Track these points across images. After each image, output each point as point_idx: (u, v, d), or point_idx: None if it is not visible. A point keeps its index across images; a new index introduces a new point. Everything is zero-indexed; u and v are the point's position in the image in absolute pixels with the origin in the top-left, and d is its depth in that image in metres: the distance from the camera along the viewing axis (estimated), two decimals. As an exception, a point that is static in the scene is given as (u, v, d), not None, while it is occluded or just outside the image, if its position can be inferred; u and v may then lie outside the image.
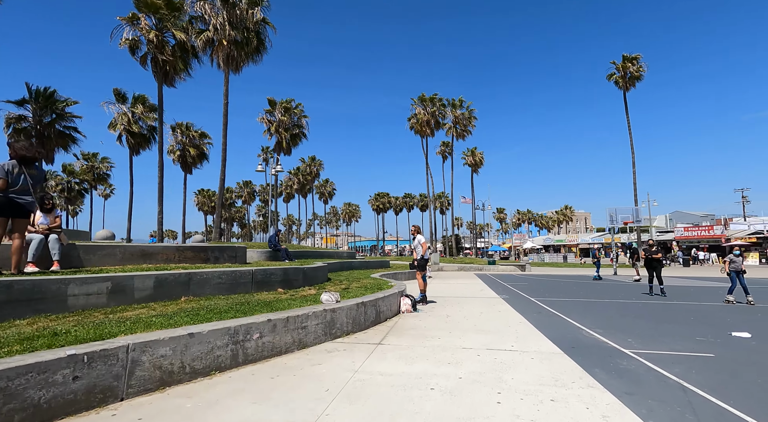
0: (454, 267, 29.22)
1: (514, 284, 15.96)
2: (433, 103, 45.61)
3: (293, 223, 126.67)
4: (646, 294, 11.34)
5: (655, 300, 10.36)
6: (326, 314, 5.30)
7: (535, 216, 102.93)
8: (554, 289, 13.72)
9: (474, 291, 12.99)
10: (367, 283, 9.71)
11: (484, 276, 21.39)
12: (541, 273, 25.49)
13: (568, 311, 8.37)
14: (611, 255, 48.21)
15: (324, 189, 69.98)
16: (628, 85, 39.82)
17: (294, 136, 34.39)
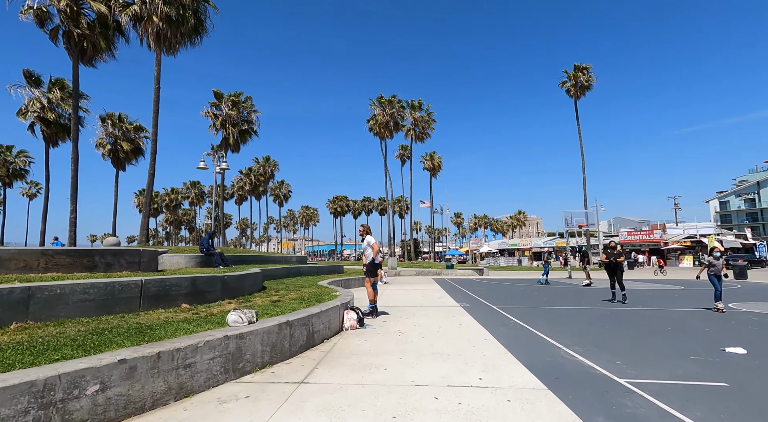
0: (411, 271, 28.24)
1: (474, 290, 15.07)
2: (392, 105, 44.81)
3: (247, 227, 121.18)
4: (607, 301, 10.70)
5: (619, 306, 9.71)
6: (228, 342, 3.78)
7: (490, 221, 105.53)
8: (515, 295, 12.92)
9: (432, 298, 11.85)
10: (307, 293, 8.21)
11: (442, 281, 20.47)
12: (498, 277, 25.10)
13: (535, 322, 7.38)
14: (560, 259, 50.02)
15: (279, 191, 66.95)
16: (578, 93, 41.27)
17: (243, 132, 31.93)
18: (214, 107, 30.97)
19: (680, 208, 72.03)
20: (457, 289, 15.36)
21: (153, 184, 18.05)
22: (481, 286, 16.92)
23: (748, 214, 75.34)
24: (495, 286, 16.88)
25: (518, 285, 17.64)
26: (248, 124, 32.03)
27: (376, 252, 7.86)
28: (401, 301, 10.98)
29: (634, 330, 6.52)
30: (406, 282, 19.88)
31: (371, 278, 7.96)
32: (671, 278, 22.91)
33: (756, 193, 74.78)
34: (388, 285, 17.48)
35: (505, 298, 11.87)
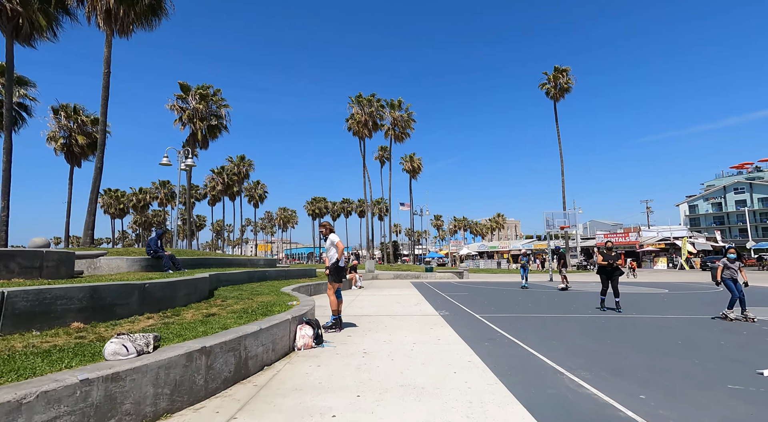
0: (389, 275, 27.10)
1: (454, 295, 14.04)
2: (371, 104, 43.72)
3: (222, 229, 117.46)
4: (597, 308, 9.75)
5: (612, 314, 8.81)
6: (90, 389, 2.49)
7: (470, 224, 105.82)
8: (497, 301, 11.93)
9: (408, 305, 10.71)
10: (258, 303, 6.91)
11: (421, 285, 19.41)
12: (479, 280, 24.26)
13: (525, 335, 6.32)
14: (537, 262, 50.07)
15: (254, 191, 64.67)
16: (558, 95, 41.29)
17: (212, 128, 30.07)
18: (181, 100, 29.03)
19: (652, 211, 73.84)
20: (437, 294, 14.29)
21: (100, 179, 16.24)
22: (462, 290, 15.92)
23: (716, 218, 77.99)
24: (476, 290, 15.92)
25: (500, 289, 16.75)
26: (218, 119, 30.21)
27: (341, 253, 6.65)
28: (373, 309, 9.78)
29: (641, 347, 5.54)
30: (382, 287, 18.70)
31: (334, 284, 6.74)
32: (650, 280, 22.58)
33: (722, 197, 77.52)
34: (362, 290, 16.26)
35: (488, 304, 10.85)
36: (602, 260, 9.37)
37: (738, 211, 73.81)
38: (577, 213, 27.50)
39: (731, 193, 76.25)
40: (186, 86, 29.10)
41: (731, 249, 7.89)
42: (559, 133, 41.86)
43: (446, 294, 14.09)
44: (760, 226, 69.41)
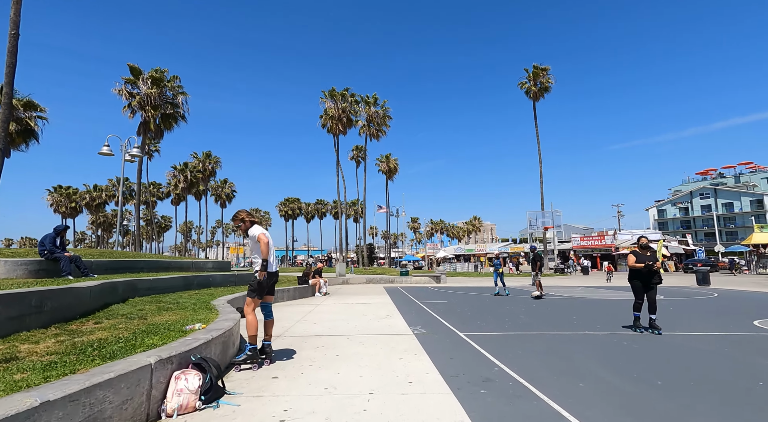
0: (361, 279, 24.98)
1: (431, 303, 12.10)
2: (345, 99, 41.63)
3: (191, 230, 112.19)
4: (627, 327, 7.26)
5: (654, 340, 7.06)
6: None
7: (447, 226, 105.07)
8: (483, 311, 10.05)
9: (376, 318, 8.66)
10: (151, 325, 4.70)
11: (394, 291, 17.41)
12: (458, 284, 22.51)
13: (533, 369, 4.40)
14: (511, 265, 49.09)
15: (221, 190, 61.09)
16: (538, 94, 40.47)
17: (167, 117, 27.12)
18: (130, 85, 25.98)
19: (623, 215, 75.08)
20: (411, 302, 12.31)
21: (2, 165, 13.39)
22: (440, 297, 14.02)
23: (683, 222, 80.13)
24: (456, 297, 14.06)
25: (481, 295, 14.97)
26: (173, 107, 27.29)
27: (266, 250, 4.50)
28: (330, 325, 7.67)
29: (708, 388, 3.72)
30: (351, 293, 16.58)
31: (254, 299, 4.59)
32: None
33: (689, 202, 79.75)
34: (326, 298, 14.11)
35: (473, 316, 8.94)
36: (635, 261, 6.94)
37: (704, 216, 76.04)
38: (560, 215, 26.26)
39: (697, 198, 78.57)
40: (136, 69, 26.07)
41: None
42: (538, 133, 41.08)
43: (422, 303, 12.13)
44: (725, 231, 71.56)
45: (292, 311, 10.18)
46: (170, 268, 13.27)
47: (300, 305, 11.69)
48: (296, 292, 13.73)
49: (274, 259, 4.69)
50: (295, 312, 10.04)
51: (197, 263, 14.89)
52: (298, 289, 13.97)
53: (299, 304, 11.93)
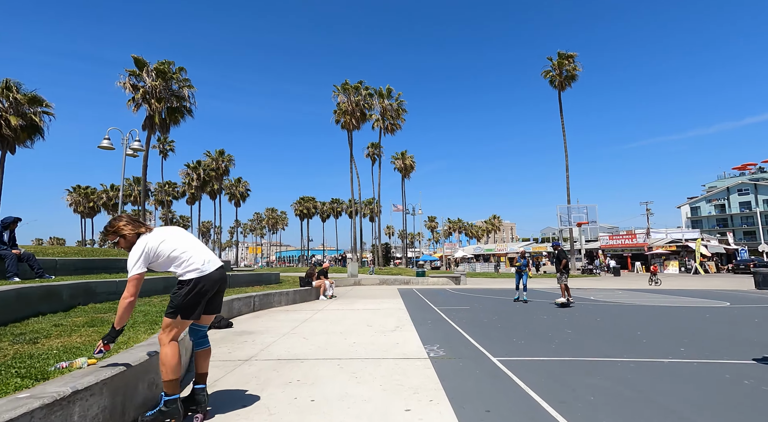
0: (374, 280, 23.29)
1: (451, 310, 10.28)
2: (359, 92, 40.06)
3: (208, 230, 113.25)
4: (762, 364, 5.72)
5: (742, 360, 5.10)
6: None
7: (465, 226, 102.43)
8: (516, 322, 8.18)
9: (382, 331, 6.94)
10: (27, 355, 3.09)
11: (409, 294, 15.63)
12: (479, 286, 20.53)
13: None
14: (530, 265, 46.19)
15: (236, 189, 60.55)
16: (563, 84, 37.93)
17: (172, 110, 26.10)
18: (134, 77, 25.07)
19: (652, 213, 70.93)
20: (428, 308, 10.52)
21: None
22: (461, 302, 12.18)
23: (719, 220, 75.30)
24: (479, 302, 12.18)
25: (507, 299, 13.03)
26: (179, 100, 26.26)
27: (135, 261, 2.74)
28: (319, 343, 5.97)
29: None
30: (360, 296, 14.89)
31: (175, 322, 2.87)
32: (676, 287, 18.93)
33: (726, 198, 74.88)
34: (331, 302, 12.47)
35: (504, 329, 7.10)
36: None
37: (743, 213, 71.18)
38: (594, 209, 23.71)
39: (735, 194, 73.65)
40: (141, 61, 25.13)
41: None
42: (563, 123, 38.51)
43: (440, 309, 10.32)
44: (767, 229, 66.65)
45: (284, 319, 8.55)
46: (157, 268, 11.88)
47: (297, 311, 10.06)
48: (296, 296, 12.12)
49: (205, 255, 3.00)
50: (288, 320, 8.40)
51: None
52: (300, 292, 12.36)
53: (297, 310, 10.31)
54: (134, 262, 2.72)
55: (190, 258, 2.87)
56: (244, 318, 8.71)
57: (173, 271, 2.88)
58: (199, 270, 2.86)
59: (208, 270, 2.91)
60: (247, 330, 7.20)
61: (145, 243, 2.78)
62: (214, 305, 3.07)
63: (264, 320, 8.49)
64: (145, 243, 2.78)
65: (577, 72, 37.45)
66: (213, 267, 2.96)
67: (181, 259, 2.85)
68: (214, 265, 2.97)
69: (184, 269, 2.84)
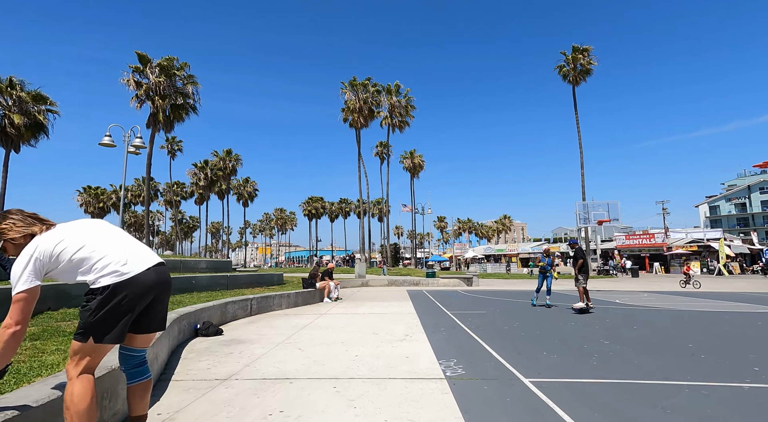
0: (383, 281, 22.44)
1: (466, 314, 9.36)
2: (366, 89, 39.27)
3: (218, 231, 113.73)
4: None
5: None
6: None
7: (475, 226, 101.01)
8: (543, 330, 7.24)
9: (390, 340, 6.08)
10: None
11: (419, 296, 14.73)
12: (492, 288, 19.54)
13: None
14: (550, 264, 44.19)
15: (243, 189, 60.25)
16: (577, 78, 36.63)
17: (176, 107, 25.61)
18: (137, 73, 24.63)
19: (669, 212, 68.77)
20: (440, 313, 9.62)
21: None
22: (476, 305, 11.25)
23: (739, 219, 72.79)
24: (496, 305, 11.23)
25: (526, 302, 12.06)
26: (183, 97, 25.76)
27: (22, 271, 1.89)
28: (315, 356, 5.11)
29: None
30: (367, 298, 14.04)
31: (87, 347, 2.00)
32: (706, 289, 17.60)
33: (747, 197, 72.32)
34: (335, 305, 11.64)
35: (530, 339, 6.18)
36: None
37: (764, 212, 68.69)
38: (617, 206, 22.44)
39: (756, 192, 71.09)
40: (145, 57, 24.68)
41: None
42: (578, 120, 37.18)
43: (454, 314, 9.40)
44: (791, 228, 64.13)
45: (281, 325, 7.74)
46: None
47: (298, 316, 9.25)
48: (298, 298, 11.31)
49: (128, 252, 2.14)
50: (286, 326, 7.59)
51: (187, 262, 12.80)
52: (302, 294, 11.55)
53: (297, 314, 9.50)
54: (18, 275, 1.89)
55: (103, 258, 2.03)
56: (238, 324, 7.93)
57: (83, 280, 2.03)
58: (118, 273, 2.01)
59: (132, 273, 2.05)
60: (238, 338, 6.40)
61: (35, 246, 1.96)
62: (152, 319, 2.22)
63: (259, 326, 7.69)
64: (35, 246, 1.96)
65: (592, 66, 36.14)
66: (140, 268, 2.10)
67: (89, 261, 2.01)
68: (142, 265, 2.12)
69: (96, 274, 2.00)
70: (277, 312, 9.86)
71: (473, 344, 5.89)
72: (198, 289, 10.19)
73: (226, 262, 15.50)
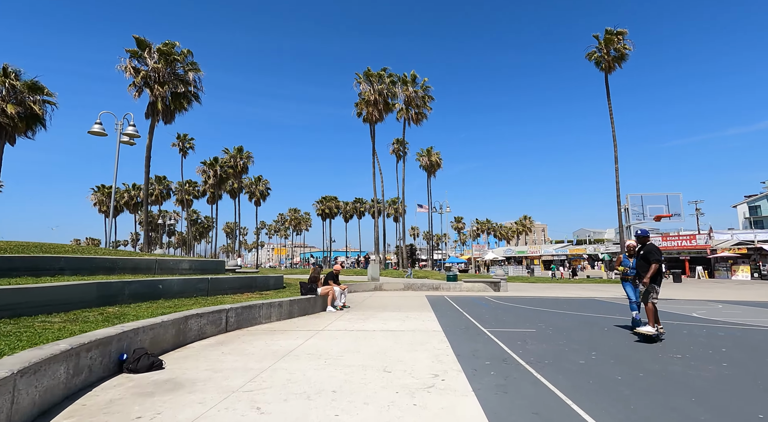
0: (398, 283, 20.04)
1: (511, 335, 6.94)
2: (382, 80, 37.05)
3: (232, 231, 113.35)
4: None
5: None
6: None
7: (494, 226, 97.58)
8: (652, 370, 4.80)
9: (406, 388, 3.77)
10: None
11: (441, 304, 12.34)
12: (526, 295, 16.96)
13: None
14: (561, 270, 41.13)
15: (255, 188, 58.80)
16: (611, 64, 33.53)
17: (177, 96, 23.90)
18: (135, 59, 23.04)
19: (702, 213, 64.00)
20: (474, 331, 7.24)
21: None
22: (518, 319, 8.80)
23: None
24: (546, 320, 8.75)
25: (584, 315, 9.53)
26: (185, 85, 24.02)
27: None
28: (297, 409, 2.85)
29: None
30: (380, 306, 11.72)
31: None
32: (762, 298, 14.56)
33: (792, 196, 66.87)
34: (340, 316, 9.38)
35: (651, 394, 3.78)
36: None
37: (813, 213, 63.21)
38: (678, 198, 19.34)
39: (803, 191, 65.58)
40: (144, 42, 23.06)
41: None
42: (611, 110, 34.04)
43: (494, 332, 7.00)
44: (844, 230, 58.68)
45: (256, 351, 5.50)
46: (114, 269, 9.17)
47: (287, 333, 7.02)
48: (294, 308, 9.08)
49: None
50: (261, 353, 5.35)
51: (165, 262, 10.75)
52: (299, 303, 9.32)
53: (288, 330, 7.28)
54: None
55: None
56: (200, 347, 5.75)
57: None
58: None
59: None
60: (178, 377, 4.19)
61: None
62: None
63: (226, 351, 5.48)
64: None
65: (627, 50, 32.99)
66: None
67: None
68: None
69: None
70: (263, 327, 7.66)
71: (552, 402, 3.52)
72: (168, 296, 8.11)
73: (216, 263, 13.43)
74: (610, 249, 53.24)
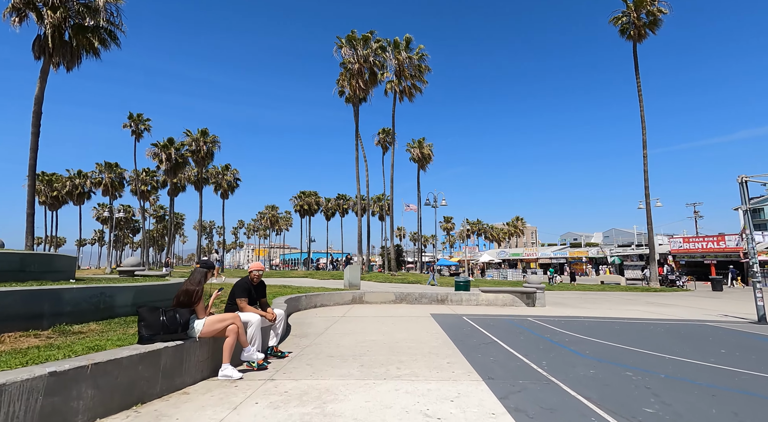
0: (388, 293, 13.65)
1: None
2: (368, 45, 30.99)
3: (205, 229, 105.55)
4: None
5: None
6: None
7: (485, 227, 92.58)
8: None
9: None
10: None
11: (465, 335, 6.29)
12: (582, 315, 11.09)
13: None
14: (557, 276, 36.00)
15: (222, 178, 51.82)
16: (641, 31, 28.36)
17: (82, 29, 17.34)
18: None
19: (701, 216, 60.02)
20: None
21: None
22: (631, 386, 2.87)
23: (789, 224, 64.11)
24: (686, 398, 2.86)
25: (702, 366, 3.65)
26: (93, 16, 17.40)
27: None
28: None
29: None
30: (353, 349, 5.56)
31: None
32: None
33: (798, 199, 63.71)
34: (252, 391, 3.15)
35: None
36: None
37: (821, 216, 60.02)
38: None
39: (808, 194, 62.43)
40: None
41: None
42: (639, 84, 28.88)
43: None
44: None
45: None
46: None
47: None
48: (85, 390, 2.80)
49: None
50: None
51: None
52: (113, 370, 3.04)
53: None
54: None
55: None
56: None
57: None
58: None
59: None
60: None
61: None
62: None
63: None
64: None
65: (662, 14, 27.86)
66: None
67: None
68: None
69: None
70: None
71: None
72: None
73: (62, 258, 6.99)
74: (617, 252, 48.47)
